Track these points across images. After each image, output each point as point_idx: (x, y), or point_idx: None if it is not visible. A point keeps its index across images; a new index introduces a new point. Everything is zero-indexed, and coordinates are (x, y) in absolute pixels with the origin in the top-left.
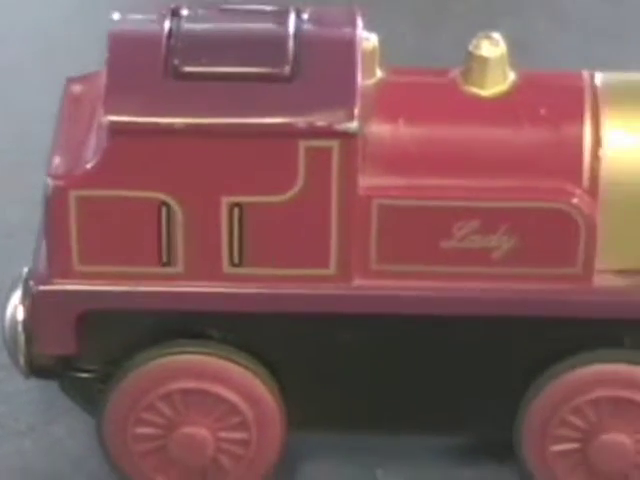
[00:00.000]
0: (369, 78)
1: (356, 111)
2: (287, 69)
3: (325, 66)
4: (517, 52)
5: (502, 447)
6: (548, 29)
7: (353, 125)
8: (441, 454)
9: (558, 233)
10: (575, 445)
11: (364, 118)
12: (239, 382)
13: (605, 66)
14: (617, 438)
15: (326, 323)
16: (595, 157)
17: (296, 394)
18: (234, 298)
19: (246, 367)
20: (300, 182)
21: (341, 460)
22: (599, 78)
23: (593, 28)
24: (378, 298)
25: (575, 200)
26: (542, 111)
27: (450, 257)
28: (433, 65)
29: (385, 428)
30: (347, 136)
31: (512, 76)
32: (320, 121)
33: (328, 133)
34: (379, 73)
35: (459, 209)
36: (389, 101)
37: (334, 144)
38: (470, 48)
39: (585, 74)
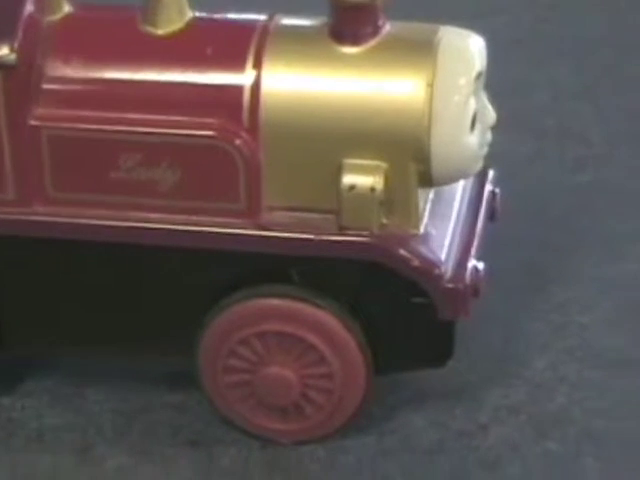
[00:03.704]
0: (53, 14)
1: (16, 44)
2: None
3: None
4: None
5: None
6: None
7: (11, 57)
8: (151, 379)
9: (219, 170)
10: (245, 376)
11: (42, 51)
12: None
13: None
14: (282, 371)
15: (7, 245)
16: (255, 98)
17: None
18: None
19: None
20: None
21: (55, 381)
22: (277, 22)
23: None
24: (55, 224)
25: (234, 139)
26: (209, 51)
27: (119, 187)
28: None
29: (81, 348)
30: (8, 67)
31: (190, 16)
32: None
33: None
34: (67, 8)
35: (123, 142)
36: (69, 36)
37: None
38: None
39: (263, 17)
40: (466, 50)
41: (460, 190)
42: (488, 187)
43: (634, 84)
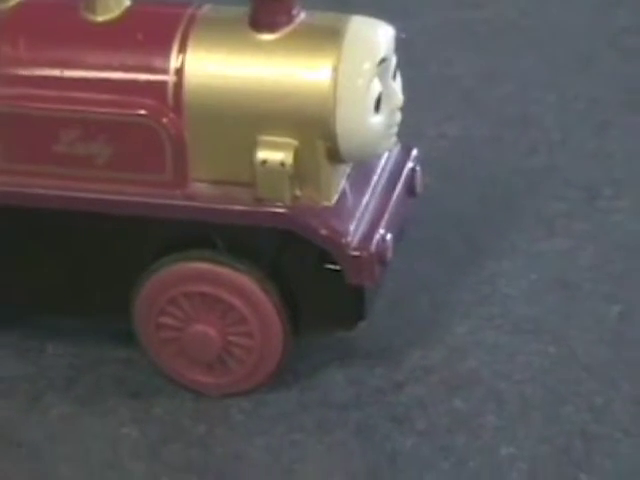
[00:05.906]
0: (6, 1)
1: None
2: None
3: None
4: None
5: None
6: None
7: None
8: (101, 334)
9: (149, 145)
10: (174, 333)
11: None
12: None
13: None
14: (206, 329)
15: None
16: (179, 80)
17: None
18: None
19: None
20: None
21: (21, 335)
22: (203, 10)
23: None
24: (4, 193)
25: (161, 118)
26: (139, 36)
27: (61, 160)
28: None
29: (29, 307)
30: None
31: (127, 4)
32: None
33: None
34: None
35: (62, 119)
36: (17, 22)
37: None
38: None
39: (192, 6)
40: (371, 38)
41: (380, 167)
42: (409, 165)
43: (602, 78)
